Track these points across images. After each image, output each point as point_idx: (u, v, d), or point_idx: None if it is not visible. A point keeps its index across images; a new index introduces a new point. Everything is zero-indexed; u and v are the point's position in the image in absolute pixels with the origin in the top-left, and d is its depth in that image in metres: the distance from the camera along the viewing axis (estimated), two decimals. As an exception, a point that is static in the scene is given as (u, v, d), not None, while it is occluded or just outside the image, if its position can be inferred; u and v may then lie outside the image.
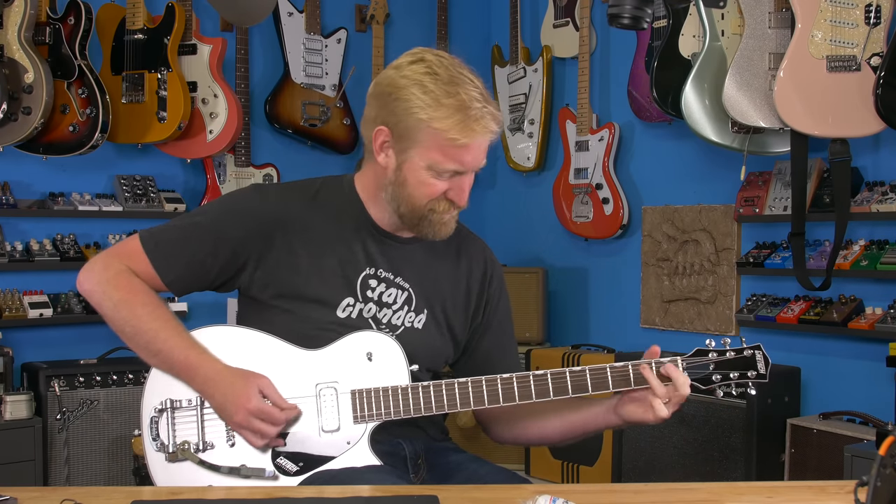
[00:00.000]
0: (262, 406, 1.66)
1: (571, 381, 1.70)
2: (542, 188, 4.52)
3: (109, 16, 3.73)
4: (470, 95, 1.66)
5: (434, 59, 1.70)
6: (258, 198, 1.82)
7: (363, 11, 4.50)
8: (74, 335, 3.66)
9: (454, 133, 1.66)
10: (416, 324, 1.82)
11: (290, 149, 4.29)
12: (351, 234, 1.80)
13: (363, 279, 1.79)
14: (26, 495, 1.49)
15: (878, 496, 1.10)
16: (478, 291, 1.91)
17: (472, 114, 1.66)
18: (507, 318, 1.97)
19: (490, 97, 1.71)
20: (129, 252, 1.78)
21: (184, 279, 1.78)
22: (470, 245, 1.94)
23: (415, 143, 1.69)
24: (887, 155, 3.26)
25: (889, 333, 3.04)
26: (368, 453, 1.70)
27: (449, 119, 1.65)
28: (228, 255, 1.76)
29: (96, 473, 3.39)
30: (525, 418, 1.89)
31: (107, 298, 1.74)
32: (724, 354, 1.73)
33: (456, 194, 1.73)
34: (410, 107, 1.67)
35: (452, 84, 1.67)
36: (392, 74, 1.72)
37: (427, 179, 1.71)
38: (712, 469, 3.27)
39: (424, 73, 1.68)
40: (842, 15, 2.98)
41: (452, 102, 1.66)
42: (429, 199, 1.72)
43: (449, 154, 1.68)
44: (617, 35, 4.09)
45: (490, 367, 1.88)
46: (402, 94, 1.69)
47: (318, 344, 1.73)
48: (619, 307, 4.22)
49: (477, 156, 1.71)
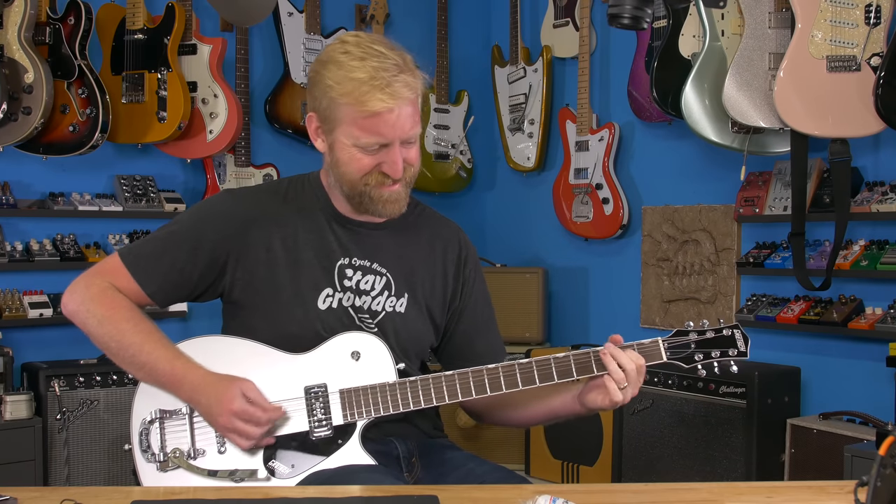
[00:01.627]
0: (244, 407, 1.66)
1: (556, 367, 1.72)
2: (542, 188, 4.52)
3: (109, 16, 3.73)
4: (378, 66, 1.66)
5: (351, 39, 1.72)
6: (230, 200, 1.85)
7: (363, 11, 4.50)
8: (74, 335, 3.61)
9: (362, 105, 1.66)
10: (397, 307, 1.83)
11: (290, 149, 4.29)
12: (321, 225, 1.82)
13: (339, 269, 1.80)
14: (26, 495, 1.49)
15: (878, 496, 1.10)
16: (454, 274, 1.92)
17: (378, 83, 1.65)
18: (484, 298, 1.97)
19: (411, 67, 1.70)
20: (109, 269, 1.80)
21: (166, 289, 1.80)
22: (442, 229, 1.95)
23: (336, 122, 1.71)
24: (887, 155, 3.26)
25: (889, 333, 3.04)
26: (361, 452, 1.70)
27: (356, 91, 1.66)
28: (207, 260, 1.78)
29: (96, 473, 3.39)
30: (504, 408, 1.92)
31: (91, 316, 1.77)
32: (703, 334, 1.77)
33: (388, 167, 1.73)
34: (325, 88, 1.70)
35: (361, 59, 1.67)
36: (316, 59, 1.77)
37: (355, 155, 1.72)
38: (712, 469, 3.27)
39: (339, 52, 1.70)
40: (842, 15, 2.98)
41: (359, 76, 1.66)
42: (361, 174, 1.73)
43: (364, 126, 1.68)
44: (617, 35, 4.09)
45: (470, 349, 1.91)
46: (319, 77, 1.72)
47: (303, 343, 1.74)
48: (619, 307, 4.22)
49: (395, 125, 1.69)
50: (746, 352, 1.76)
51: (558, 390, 1.81)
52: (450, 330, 1.93)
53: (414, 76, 1.70)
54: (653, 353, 1.75)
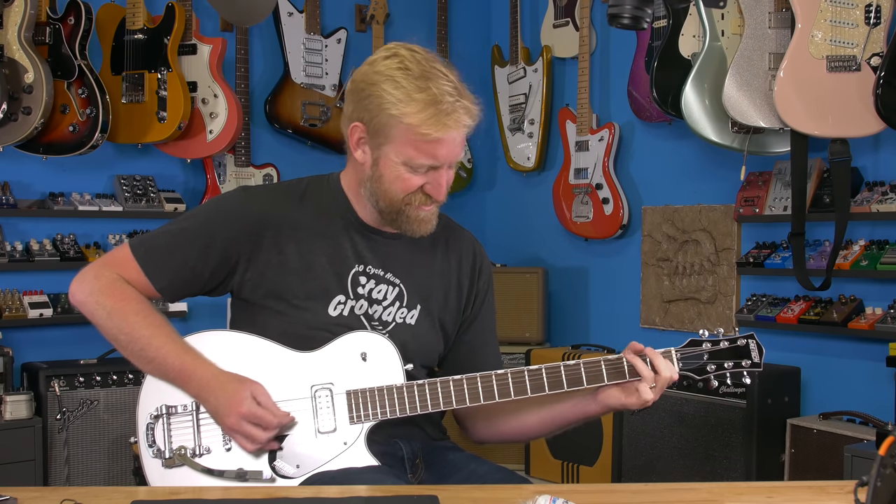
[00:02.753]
0: (254, 410, 1.65)
1: (566, 375, 1.71)
2: (542, 188, 4.52)
3: (109, 16, 3.73)
4: (441, 90, 1.66)
5: (407, 54, 1.70)
6: (245, 199, 1.83)
7: (363, 11, 4.50)
8: (74, 335, 3.66)
9: (426, 128, 1.65)
10: (408, 319, 1.83)
11: (290, 149, 4.29)
12: (338, 231, 1.81)
13: (353, 276, 1.79)
14: (26, 495, 1.49)
15: (878, 496, 1.10)
16: (468, 286, 1.91)
17: (444, 108, 1.65)
18: (492, 312, 1.97)
19: (466, 91, 1.70)
20: (119, 260, 1.79)
21: (175, 285, 1.79)
22: (459, 239, 1.94)
23: (388, 138, 1.69)
24: (887, 155, 3.26)
25: (889, 333, 3.04)
26: (365, 454, 1.70)
27: (420, 114, 1.65)
28: (218, 258, 1.77)
29: (96, 473, 3.39)
30: (505, 414, 1.89)
31: (99, 307, 1.75)
32: (717, 344, 1.74)
33: (433, 189, 1.73)
34: (383, 102, 1.68)
35: (424, 79, 1.66)
36: (366, 70, 1.74)
37: (402, 174, 1.71)
38: (712, 469, 3.27)
39: (397, 68, 1.68)
40: (842, 15, 2.98)
41: (423, 97, 1.65)
42: (405, 193, 1.72)
43: (422, 149, 1.68)
44: (617, 35, 4.09)
45: (471, 361, 1.90)
46: (375, 90, 1.69)
47: (312, 345, 1.73)
48: (619, 307, 4.22)
49: (451, 150, 1.70)
50: (761, 363, 1.73)
51: (560, 398, 1.80)
52: (455, 339, 1.93)
53: (471, 101, 1.70)
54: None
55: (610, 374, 1.72)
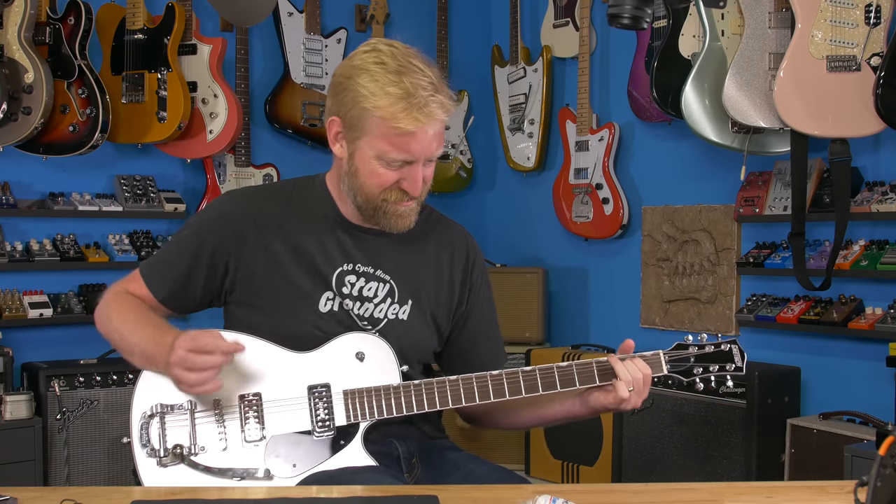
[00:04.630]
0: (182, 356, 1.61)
1: (559, 376, 1.74)
2: (542, 188, 4.52)
3: (109, 16, 3.73)
4: (416, 84, 1.65)
5: (385, 49, 1.70)
6: (232, 202, 1.86)
7: (363, 11, 4.50)
8: (74, 335, 3.66)
9: (396, 121, 1.64)
10: (400, 315, 1.83)
11: (290, 149, 4.29)
12: (324, 230, 1.82)
13: (338, 276, 1.80)
14: (26, 495, 1.49)
15: (878, 496, 1.10)
16: (461, 280, 1.91)
17: (416, 101, 1.64)
18: (489, 304, 1.97)
19: (443, 86, 1.69)
20: (130, 278, 1.87)
21: (176, 294, 1.83)
22: (450, 233, 1.94)
23: (363, 132, 1.69)
24: (887, 155, 3.26)
25: (889, 333, 3.04)
26: (362, 453, 1.70)
27: (392, 107, 1.64)
28: (209, 262, 1.79)
29: (96, 473, 3.39)
30: (503, 412, 1.92)
31: (103, 318, 1.83)
32: (703, 348, 1.81)
33: (409, 185, 1.72)
34: (357, 96, 1.68)
35: (399, 73, 1.66)
36: (345, 64, 1.74)
37: (377, 169, 1.71)
38: (712, 469, 3.27)
39: (373, 62, 1.68)
40: (842, 15, 2.98)
41: (396, 91, 1.64)
42: (380, 188, 1.72)
43: (394, 143, 1.67)
44: (617, 35, 4.09)
45: (473, 354, 1.91)
46: (350, 83, 1.69)
47: (304, 343, 1.74)
48: (619, 307, 4.22)
49: (424, 145, 1.68)
50: (743, 367, 1.81)
51: (555, 396, 1.82)
52: (454, 335, 1.93)
53: (448, 96, 1.69)
54: (654, 364, 1.80)
55: (601, 375, 1.76)
